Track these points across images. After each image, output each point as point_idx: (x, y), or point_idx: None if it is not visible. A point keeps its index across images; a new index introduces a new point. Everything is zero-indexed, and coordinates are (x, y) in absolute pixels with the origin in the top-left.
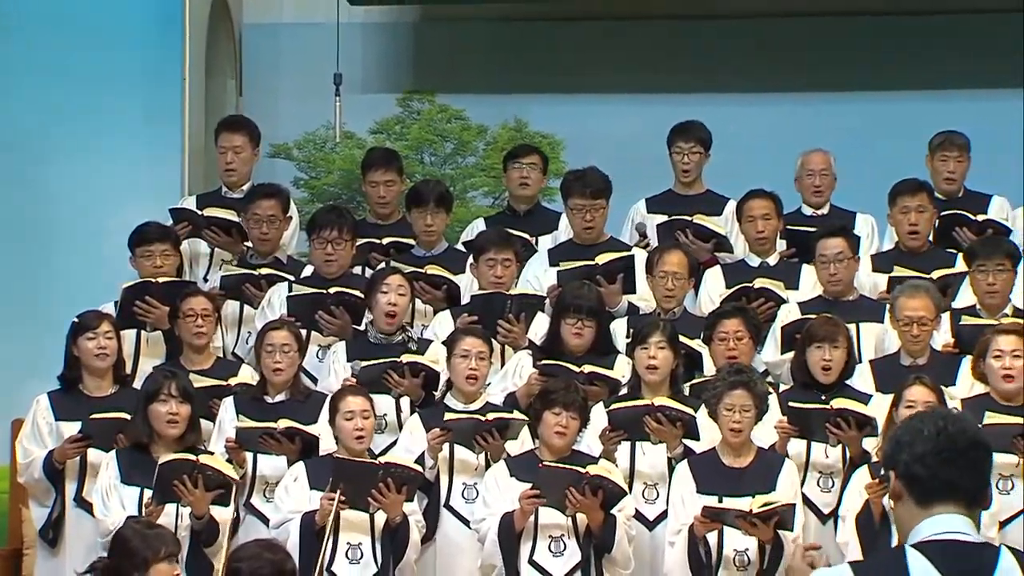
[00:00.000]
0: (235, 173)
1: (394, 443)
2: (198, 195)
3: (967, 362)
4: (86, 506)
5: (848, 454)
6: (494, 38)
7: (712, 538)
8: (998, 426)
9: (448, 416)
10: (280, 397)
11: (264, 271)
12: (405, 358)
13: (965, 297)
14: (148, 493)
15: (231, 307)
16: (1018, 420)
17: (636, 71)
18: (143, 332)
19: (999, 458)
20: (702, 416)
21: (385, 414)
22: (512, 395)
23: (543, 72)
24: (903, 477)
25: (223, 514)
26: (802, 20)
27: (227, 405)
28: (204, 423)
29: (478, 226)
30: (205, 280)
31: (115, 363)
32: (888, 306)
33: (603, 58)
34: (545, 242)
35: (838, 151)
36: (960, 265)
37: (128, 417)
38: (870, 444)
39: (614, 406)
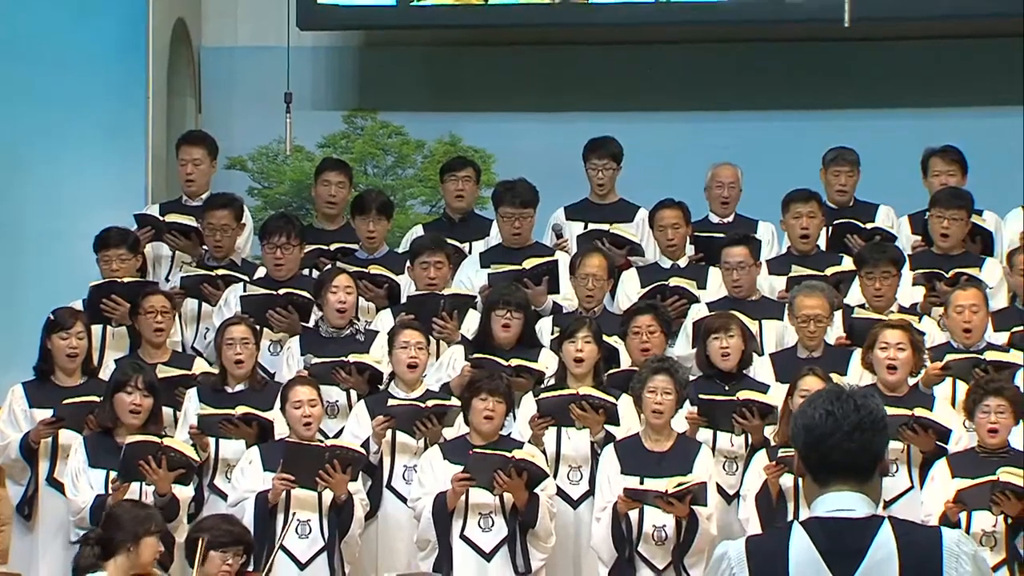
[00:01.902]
0: (194, 183)
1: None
2: (161, 203)
3: (857, 354)
4: (57, 485)
5: (750, 440)
6: (431, 62)
7: (633, 515)
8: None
9: (390, 403)
10: (239, 387)
11: (221, 272)
12: (352, 357)
13: (855, 294)
14: (114, 475)
15: (190, 305)
16: (902, 411)
17: (559, 92)
18: (109, 327)
19: None
20: (623, 404)
21: (336, 400)
22: (447, 386)
23: (475, 92)
24: (801, 460)
25: (184, 492)
26: (710, 46)
27: (191, 395)
28: (165, 410)
29: (417, 232)
30: (167, 280)
31: (84, 358)
32: (787, 305)
33: (529, 80)
34: (479, 247)
35: (743, 164)
36: (847, 263)
37: (95, 399)
38: (768, 430)
39: (542, 395)
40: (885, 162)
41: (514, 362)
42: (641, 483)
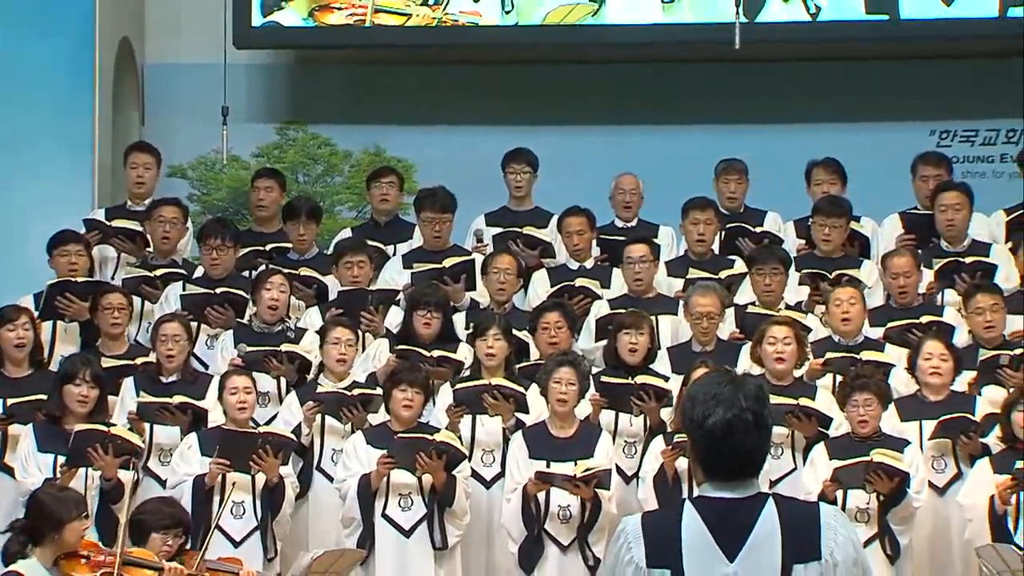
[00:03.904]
0: (144, 186)
1: (276, 415)
2: (107, 208)
3: (746, 348)
4: (7, 471)
5: (648, 424)
6: (357, 78)
7: (541, 496)
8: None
9: (320, 390)
10: (173, 378)
11: (161, 272)
12: (284, 347)
13: (746, 294)
14: (61, 460)
15: (134, 302)
16: (788, 400)
17: (477, 106)
18: (60, 323)
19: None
20: (531, 394)
21: (268, 391)
22: (373, 376)
23: (398, 107)
24: (693, 451)
25: (127, 476)
26: (616, 67)
27: (127, 384)
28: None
29: (346, 235)
30: (112, 280)
31: (32, 350)
32: (682, 303)
33: (449, 95)
34: (402, 249)
35: (646, 175)
36: (739, 266)
37: (43, 397)
38: (666, 416)
39: (458, 386)
40: (772, 172)
41: (436, 353)
42: (548, 466)
